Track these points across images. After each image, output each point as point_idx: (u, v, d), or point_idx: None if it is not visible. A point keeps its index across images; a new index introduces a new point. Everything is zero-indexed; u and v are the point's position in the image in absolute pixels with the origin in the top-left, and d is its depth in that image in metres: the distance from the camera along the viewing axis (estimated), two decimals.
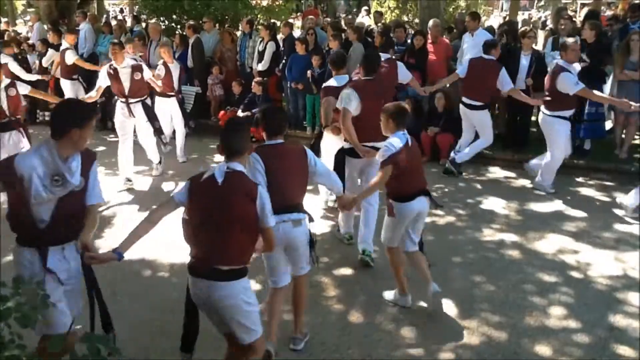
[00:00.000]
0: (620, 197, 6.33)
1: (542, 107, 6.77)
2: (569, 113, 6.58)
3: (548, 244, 5.49)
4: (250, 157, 3.43)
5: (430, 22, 8.93)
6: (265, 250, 3.34)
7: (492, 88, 7.05)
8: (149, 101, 7.59)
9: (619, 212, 6.21)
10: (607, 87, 8.01)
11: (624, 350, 3.84)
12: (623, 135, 7.78)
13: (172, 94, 8.02)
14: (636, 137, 8.22)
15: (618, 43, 8.13)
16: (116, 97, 7.24)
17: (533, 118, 8.41)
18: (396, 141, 4.07)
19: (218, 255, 3.03)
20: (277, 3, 13.01)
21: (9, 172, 2.96)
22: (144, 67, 7.36)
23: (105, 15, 18.70)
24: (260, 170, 3.55)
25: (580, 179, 7.32)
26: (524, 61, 7.88)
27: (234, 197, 3.01)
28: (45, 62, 10.37)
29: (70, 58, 9.46)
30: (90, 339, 1.81)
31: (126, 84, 7.04)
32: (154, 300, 4.44)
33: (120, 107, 7.14)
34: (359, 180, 5.32)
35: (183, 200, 3.15)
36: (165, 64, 7.92)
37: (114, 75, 6.99)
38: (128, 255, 4.87)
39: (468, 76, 7.20)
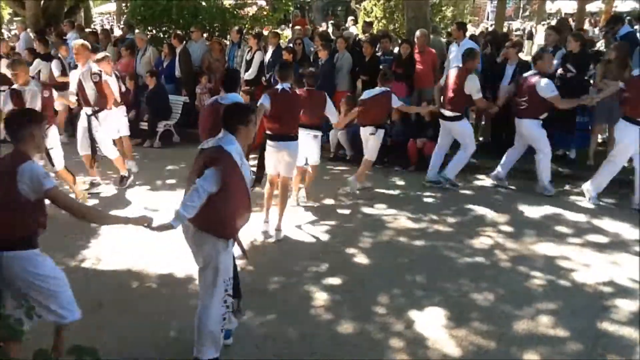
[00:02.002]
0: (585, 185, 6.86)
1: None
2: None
3: (537, 251, 5.52)
4: None
5: (417, 32, 9.00)
6: None
7: (465, 97, 7.04)
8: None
9: (607, 218, 6.29)
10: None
11: (611, 357, 3.86)
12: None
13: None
14: None
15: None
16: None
17: None
18: None
19: None
20: (264, 13, 13.04)
21: None
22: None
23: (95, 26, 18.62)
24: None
25: (567, 187, 7.39)
26: (509, 70, 7.97)
27: None
28: (31, 72, 10.28)
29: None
30: (77, 351, 1.79)
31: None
32: (141, 311, 4.40)
33: None
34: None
35: None
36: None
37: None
38: (114, 266, 4.87)
39: (444, 87, 7.26)
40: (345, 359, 3.85)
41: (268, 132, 5.83)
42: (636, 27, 16.42)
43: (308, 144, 6.40)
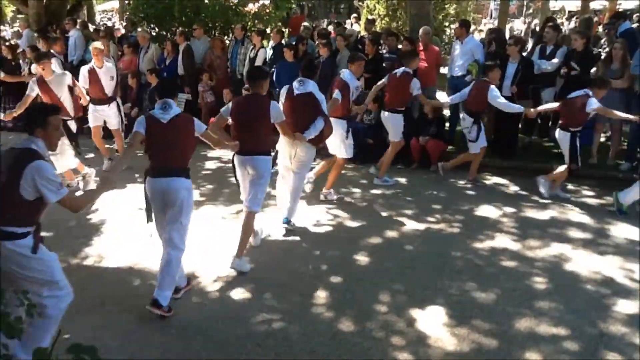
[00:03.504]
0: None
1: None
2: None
3: (539, 250, 5.51)
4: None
5: (421, 30, 8.98)
6: None
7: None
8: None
9: (608, 218, 6.27)
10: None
11: (613, 356, 3.85)
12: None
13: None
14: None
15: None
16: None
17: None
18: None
19: None
20: (267, 11, 13.02)
21: None
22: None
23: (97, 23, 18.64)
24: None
25: (570, 187, 7.36)
26: (511, 69, 7.94)
27: None
28: (33, 69, 10.29)
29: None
30: (76, 349, 1.79)
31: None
32: (142, 309, 4.40)
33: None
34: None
35: None
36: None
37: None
38: (116, 263, 4.88)
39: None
40: (346, 357, 3.85)
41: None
42: None
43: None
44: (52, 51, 9.53)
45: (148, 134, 4.26)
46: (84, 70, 7.79)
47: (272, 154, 5.35)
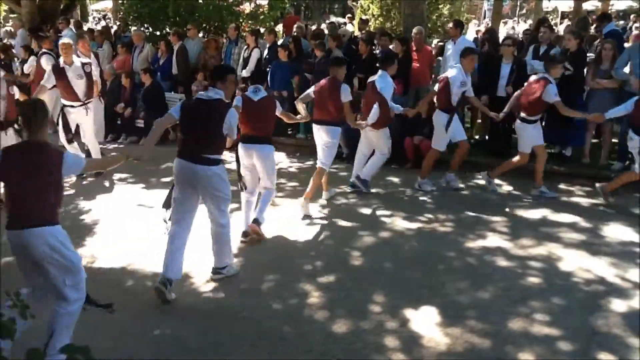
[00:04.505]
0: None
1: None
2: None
3: (532, 250, 5.53)
4: None
5: (415, 30, 8.99)
6: None
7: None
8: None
9: (600, 217, 6.31)
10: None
11: (605, 356, 3.86)
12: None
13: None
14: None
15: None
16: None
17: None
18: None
19: None
20: (261, 10, 13.03)
21: None
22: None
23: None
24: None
25: (562, 186, 7.40)
26: (505, 69, 7.97)
27: None
28: (26, 69, 10.28)
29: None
30: (69, 349, 1.78)
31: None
32: (136, 309, 4.39)
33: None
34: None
35: None
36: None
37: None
38: (109, 264, 4.87)
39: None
40: (340, 357, 3.85)
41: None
42: (637, 24, 16.53)
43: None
44: (44, 49, 9.52)
45: (243, 110, 5.42)
46: (49, 68, 7.46)
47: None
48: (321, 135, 6.49)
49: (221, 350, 3.90)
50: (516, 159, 7.03)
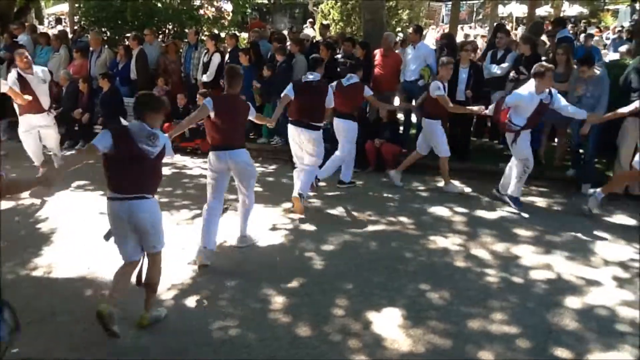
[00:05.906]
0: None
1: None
2: None
3: (491, 250, 5.65)
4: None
5: (385, 35, 9.07)
6: None
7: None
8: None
9: (556, 217, 6.49)
10: None
11: (561, 352, 3.98)
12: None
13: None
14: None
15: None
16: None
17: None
18: None
19: None
20: (223, 15, 12.96)
21: None
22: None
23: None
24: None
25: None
26: (463, 74, 8.13)
27: None
28: None
29: None
30: None
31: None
32: (96, 320, 4.30)
33: None
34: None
35: None
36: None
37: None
38: (68, 274, 4.75)
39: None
40: None
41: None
42: (591, 30, 17.03)
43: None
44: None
45: (296, 96, 6.42)
46: (12, 77, 7.11)
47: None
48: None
49: (183, 356, 3.86)
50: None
